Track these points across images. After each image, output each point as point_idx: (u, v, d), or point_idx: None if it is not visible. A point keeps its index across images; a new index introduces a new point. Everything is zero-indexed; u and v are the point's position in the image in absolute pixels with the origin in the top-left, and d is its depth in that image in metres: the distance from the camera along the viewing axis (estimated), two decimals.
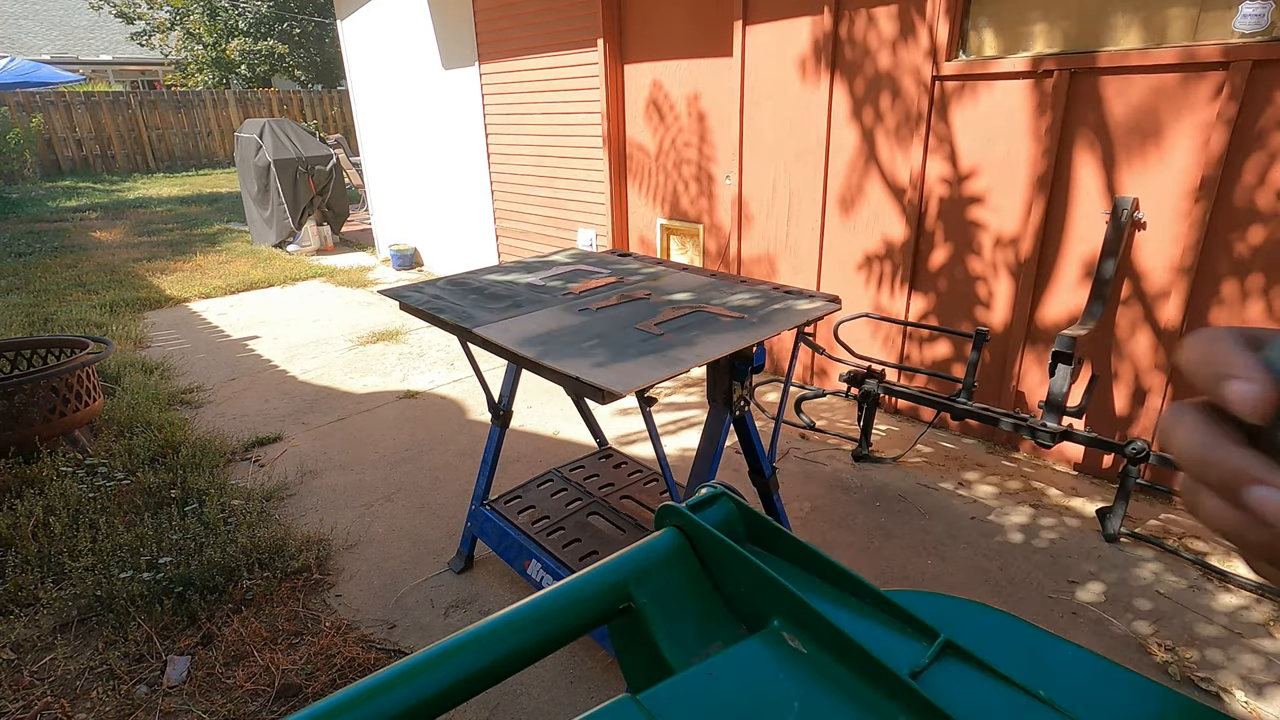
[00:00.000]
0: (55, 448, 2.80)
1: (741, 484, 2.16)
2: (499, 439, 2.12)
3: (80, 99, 12.95)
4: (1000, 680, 0.41)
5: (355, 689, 0.42)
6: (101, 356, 2.92)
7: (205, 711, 1.71)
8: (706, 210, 3.73)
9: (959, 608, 0.52)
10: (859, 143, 2.97)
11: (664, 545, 0.54)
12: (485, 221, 5.29)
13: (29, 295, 5.39)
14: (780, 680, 0.42)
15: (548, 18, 4.14)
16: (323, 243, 6.93)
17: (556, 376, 1.34)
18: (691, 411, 3.31)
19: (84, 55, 19.03)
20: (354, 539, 2.38)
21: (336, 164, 6.93)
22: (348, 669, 1.83)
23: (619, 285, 1.87)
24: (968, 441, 2.93)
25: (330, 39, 16.74)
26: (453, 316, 1.61)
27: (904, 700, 0.39)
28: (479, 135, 5.03)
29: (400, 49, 5.49)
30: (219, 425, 3.25)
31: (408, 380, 3.74)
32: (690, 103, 3.63)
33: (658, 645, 0.49)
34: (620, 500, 2.13)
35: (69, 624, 1.98)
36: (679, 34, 3.56)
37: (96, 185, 12.14)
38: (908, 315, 3.01)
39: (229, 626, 1.96)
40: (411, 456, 2.93)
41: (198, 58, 15.88)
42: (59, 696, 1.75)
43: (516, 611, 0.48)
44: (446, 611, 2.04)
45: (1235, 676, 1.73)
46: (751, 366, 1.58)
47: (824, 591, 0.49)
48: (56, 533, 2.31)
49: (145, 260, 6.68)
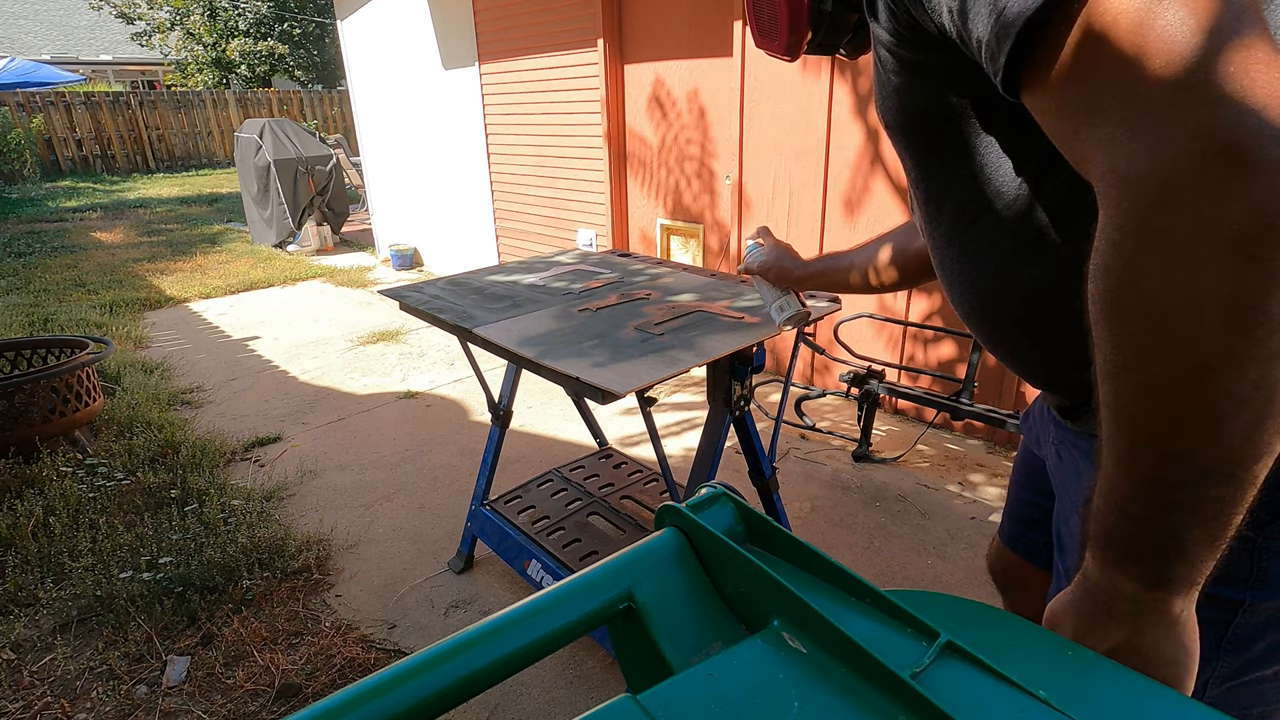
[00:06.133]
0: (55, 448, 2.80)
1: (741, 484, 2.16)
2: (499, 439, 2.12)
3: (80, 99, 12.94)
4: (1000, 680, 0.41)
5: (355, 689, 0.42)
6: (101, 356, 2.92)
7: (205, 711, 1.71)
8: (707, 209, 3.74)
9: (959, 608, 0.52)
10: (860, 142, 2.97)
11: (664, 545, 0.54)
12: (485, 221, 5.29)
13: (29, 295, 5.39)
14: (780, 680, 0.42)
15: (548, 18, 4.14)
16: (323, 243, 6.93)
17: (556, 376, 1.34)
18: (692, 412, 3.31)
19: (84, 55, 19.04)
20: (354, 539, 2.38)
21: (336, 164, 6.93)
22: (348, 669, 1.83)
23: (619, 285, 1.87)
24: (969, 442, 2.93)
25: (330, 39, 16.75)
26: (453, 317, 1.61)
27: (904, 700, 0.39)
28: (479, 135, 5.04)
29: (400, 49, 5.49)
30: (219, 425, 3.25)
31: (408, 380, 3.74)
32: (690, 102, 3.63)
33: (658, 645, 0.49)
34: (620, 500, 2.13)
35: (69, 624, 1.98)
36: (679, 34, 3.56)
37: (97, 185, 12.14)
38: (908, 315, 3.01)
39: (229, 626, 1.96)
40: (411, 456, 2.93)
41: (198, 58, 15.89)
42: (59, 696, 1.75)
43: (516, 611, 0.48)
44: (446, 611, 2.04)
45: None
46: (752, 366, 1.58)
47: (824, 591, 0.49)
48: (56, 533, 2.31)
49: (145, 260, 6.68)
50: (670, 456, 2.83)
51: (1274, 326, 0.39)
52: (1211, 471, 0.44)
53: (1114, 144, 0.43)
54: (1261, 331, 0.39)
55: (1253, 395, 0.41)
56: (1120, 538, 0.50)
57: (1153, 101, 0.40)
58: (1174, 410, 0.44)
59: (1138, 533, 0.49)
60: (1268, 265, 0.38)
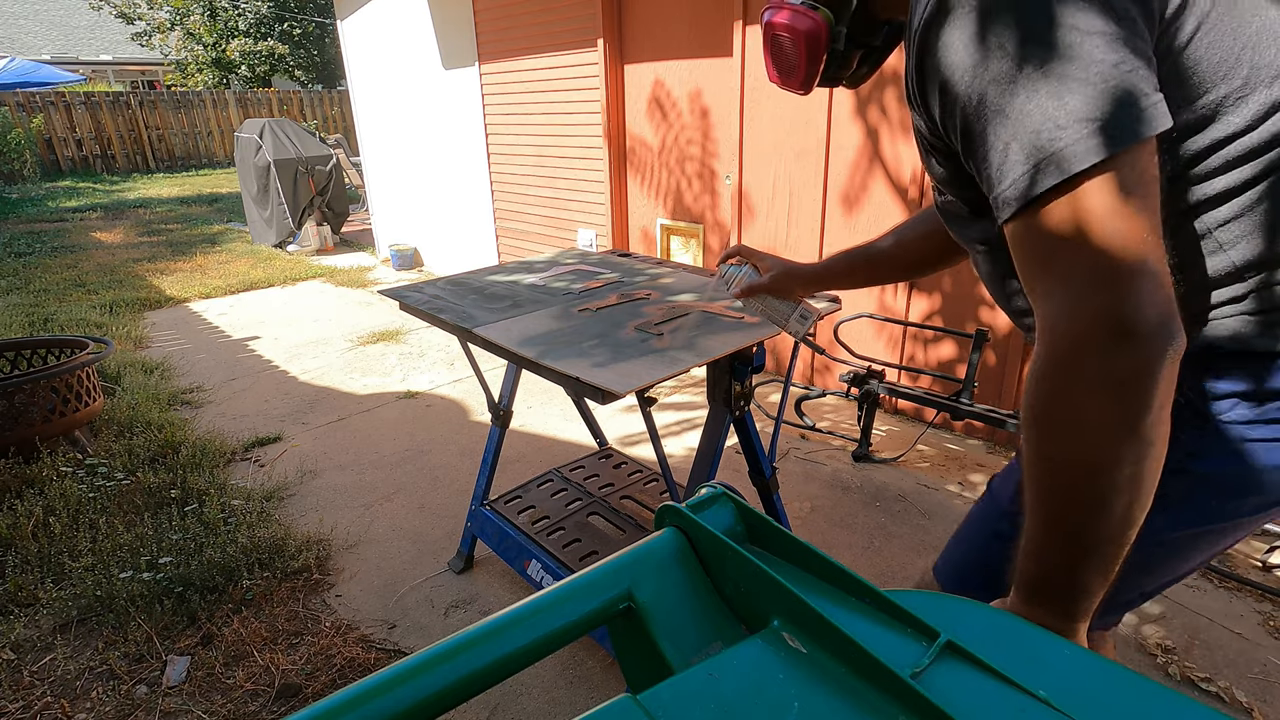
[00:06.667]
0: (55, 448, 2.80)
1: (741, 484, 2.16)
2: (499, 439, 2.12)
3: (80, 99, 12.95)
4: (1000, 680, 0.41)
5: (355, 689, 0.42)
6: (102, 356, 2.92)
7: (205, 711, 1.71)
8: (708, 209, 3.74)
9: (959, 608, 0.52)
10: (860, 142, 2.97)
11: (664, 545, 0.54)
12: (485, 221, 5.29)
13: (29, 295, 5.39)
14: (780, 680, 0.42)
15: (548, 18, 4.14)
16: (323, 243, 6.93)
17: (556, 376, 1.34)
18: (692, 412, 3.31)
19: (84, 55, 19.05)
20: (354, 539, 2.38)
21: (336, 164, 6.93)
22: (348, 669, 1.83)
23: (619, 285, 1.87)
24: (969, 442, 2.93)
25: (330, 39, 16.75)
26: (453, 317, 1.61)
27: (904, 700, 0.39)
28: (479, 135, 5.04)
29: (400, 49, 5.49)
30: (219, 425, 3.25)
31: (408, 380, 3.74)
32: (690, 102, 3.63)
33: (658, 645, 0.49)
34: (620, 500, 2.13)
35: (69, 624, 1.98)
36: (679, 34, 3.56)
37: (97, 185, 12.14)
38: (908, 315, 3.01)
39: (229, 626, 1.96)
40: (411, 456, 2.93)
41: (198, 58, 15.90)
42: (59, 696, 1.75)
43: (516, 611, 0.49)
44: (446, 611, 2.04)
45: (1235, 677, 1.72)
46: (751, 366, 1.58)
47: (824, 591, 0.49)
48: (56, 533, 2.31)
49: (145, 260, 6.68)
50: (670, 456, 2.83)
51: (1139, 441, 0.57)
52: (1102, 540, 0.61)
53: (1050, 299, 0.60)
54: (1132, 442, 0.58)
55: (1127, 486, 0.59)
56: (1039, 582, 0.66)
57: (1076, 280, 0.58)
58: (1073, 495, 0.61)
59: (1056, 582, 0.65)
60: (1139, 401, 0.56)
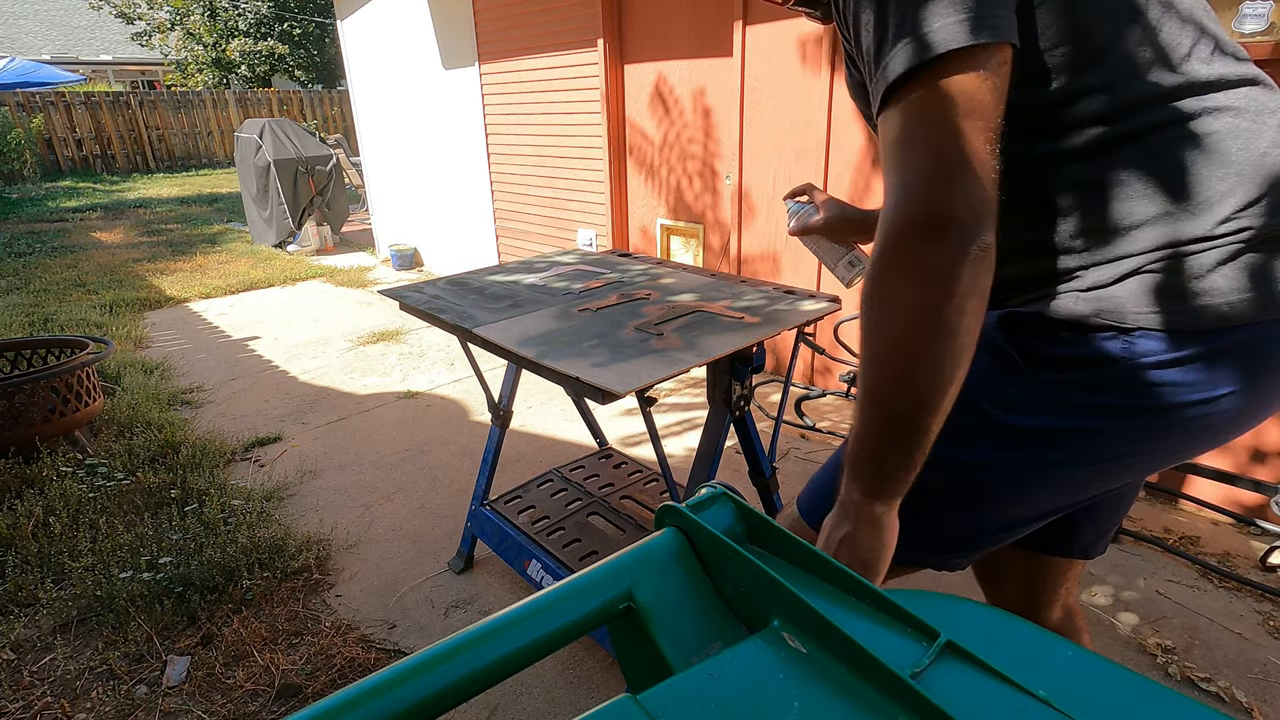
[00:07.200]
0: (55, 448, 2.80)
1: (741, 484, 2.16)
2: (499, 439, 2.12)
3: (80, 99, 12.94)
4: (1000, 680, 0.41)
5: (355, 689, 0.42)
6: (101, 356, 2.92)
7: (205, 711, 1.71)
8: (708, 209, 3.74)
9: (959, 608, 0.52)
10: (860, 142, 2.97)
11: (664, 545, 0.54)
12: (485, 221, 5.29)
13: (29, 295, 5.39)
14: (780, 680, 0.42)
15: (548, 18, 4.14)
16: (323, 243, 6.93)
17: (556, 376, 1.34)
18: (692, 412, 3.31)
19: (84, 55, 19.05)
20: (354, 539, 2.38)
21: (336, 164, 6.92)
22: (348, 669, 1.83)
23: (620, 285, 1.87)
24: None
25: (330, 39, 16.75)
26: (453, 317, 1.61)
27: (904, 700, 0.39)
28: (479, 135, 5.04)
29: (400, 49, 5.49)
30: (219, 425, 3.25)
31: (408, 380, 3.74)
32: (690, 102, 3.63)
33: (658, 645, 0.49)
34: (620, 500, 2.13)
35: (69, 624, 1.98)
36: (679, 34, 3.56)
37: (97, 185, 12.14)
38: None
39: (229, 626, 1.96)
40: (411, 456, 2.93)
41: (198, 58, 15.90)
42: (59, 696, 1.75)
43: (516, 611, 0.49)
44: (446, 611, 2.04)
45: (1235, 677, 1.72)
46: (752, 366, 1.58)
47: (824, 591, 0.49)
48: (56, 533, 2.31)
49: (145, 260, 6.68)
50: (670, 456, 2.83)
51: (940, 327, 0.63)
52: (904, 416, 0.67)
53: (891, 191, 0.66)
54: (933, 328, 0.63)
55: (929, 369, 0.64)
56: (854, 459, 0.73)
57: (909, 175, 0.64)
58: (885, 373, 0.67)
59: (862, 454, 0.71)
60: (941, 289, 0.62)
